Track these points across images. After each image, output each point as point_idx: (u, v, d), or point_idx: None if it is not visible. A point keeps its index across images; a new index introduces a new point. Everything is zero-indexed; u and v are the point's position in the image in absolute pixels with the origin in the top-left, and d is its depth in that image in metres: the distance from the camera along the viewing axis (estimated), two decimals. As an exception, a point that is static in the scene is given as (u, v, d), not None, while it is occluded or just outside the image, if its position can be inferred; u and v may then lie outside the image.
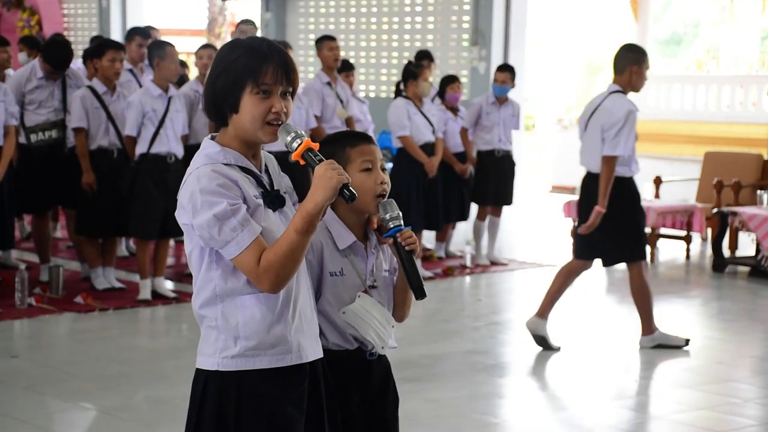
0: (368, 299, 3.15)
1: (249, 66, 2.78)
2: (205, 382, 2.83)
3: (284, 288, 2.78)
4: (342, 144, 3.15)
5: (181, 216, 2.80)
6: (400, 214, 3.05)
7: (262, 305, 2.80)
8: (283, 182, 2.97)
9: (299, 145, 2.79)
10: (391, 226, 3.03)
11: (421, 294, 3.03)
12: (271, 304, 2.81)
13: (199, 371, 2.87)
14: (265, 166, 2.92)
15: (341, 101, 9.78)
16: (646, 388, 6.39)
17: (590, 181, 7.07)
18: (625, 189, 7.04)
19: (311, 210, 2.72)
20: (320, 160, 2.77)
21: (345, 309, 3.12)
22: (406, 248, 3.02)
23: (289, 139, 2.80)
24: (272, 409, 2.82)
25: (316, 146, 2.81)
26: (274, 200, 2.86)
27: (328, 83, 9.74)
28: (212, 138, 2.88)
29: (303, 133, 2.81)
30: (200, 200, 2.73)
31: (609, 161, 6.89)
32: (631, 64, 6.95)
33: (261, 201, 2.81)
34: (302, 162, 2.80)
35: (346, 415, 3.12)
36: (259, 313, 2.80)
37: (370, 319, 3.14)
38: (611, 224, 6.94)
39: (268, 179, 2.90)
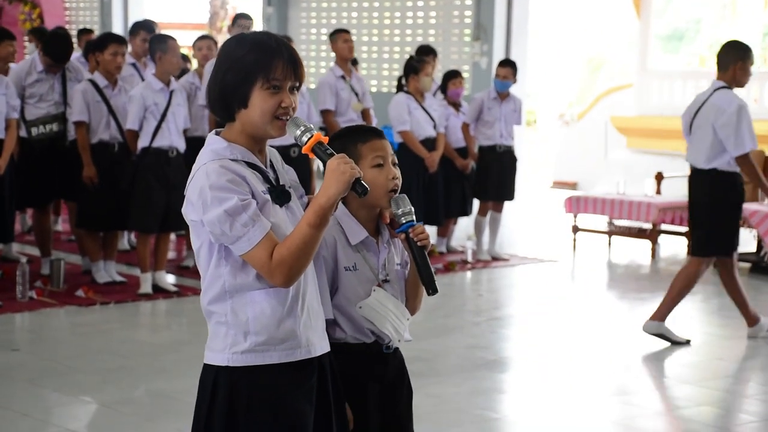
0: (383, 293, 3.16)
1: (259, 61, 2.78)
2: (215, 377, 2.83)
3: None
4: (353, 139, 3.15)
5: (190, 212, 2.79)
6: (413, 209, 3.07)
7: (272, 300, 2.80)
8: (288, 176, 2.97)
9: (309, 138, 2.79)
10: (404, 221, 3.05)
11: (432, 290, 3.06)
12: (281, 299, 2.81)
13: (207, 367, 2.87)
14: (270, 161, 2.92)
15: (356, 94, 9.79)
16: (647, 384, 6.39)
17: (695, 177, 7.17)
18: (727, 184, 7.08)
19: (324, 204, 2.72)
20: (330, 154, 2.77)
21: (361, 303, 3.13)
22: (418, 244, 3.04)
23: (298, 133, 2.80)
24: (283, 404, 2.83)
25: (325, 140, 2.80)
26: (280, 195, 2.85)
27: (342, 76, 9.76)
28: (217, 133, 2.87)
29: (312, 126, 2.81)
30: (210, 196, 2.72)
31: (743, 159, 6.96)
32: (735, 60, 7.03)
33: (269, 196, 2.81)
34: (312, 156, 2.80)
35: (361, 408, 3.13)
36: (269, 308, 2.80)
37: (386, 312, 3.15)
38: (706, 216, 7.07)
39: (273, 174, 2.89)
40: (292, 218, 2.86)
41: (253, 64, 2.78)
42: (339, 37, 9.82)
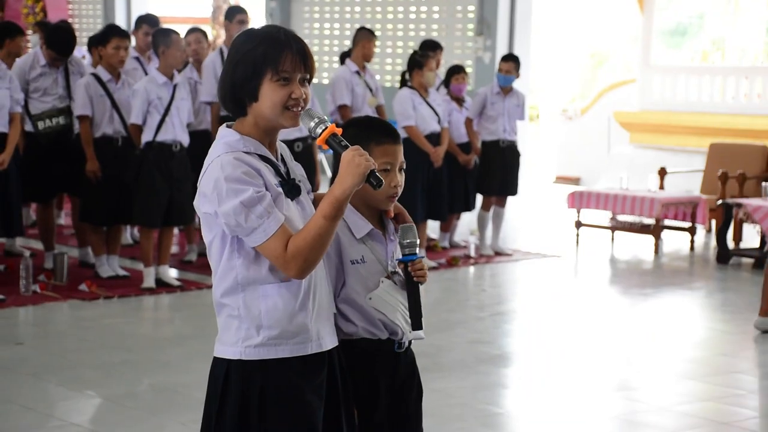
0: (390, 284, 3.17)
1: (268, 54, 2.80)
2: (227, 370, 2.84)
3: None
4: (368, 137, 3.15)
5: (204, 204, 2.80)
6: (417, 242, 3.13)
7: (284, 294, 2.82)
8: (296, 171, 2.98)
9: (323, 130, 2.80)
10: (407, 252, 3.12)
11: (417, 326, 3.13)
12: (294, 292, 2.83)
13: (219, 360, 2.88)
14: (281, 155, 2.93)
15: (371, 90, 9.87)
16: (649, 380, 6.39)
17: None
18: None
19: (339, 196, 2.74)
20: (345, 146, 2.79)
21: (371, 294, 3.15)
22: (414, 279, 3.10)
23: (312, 124, 2.82)
24: (294, 397, 2.84)
25: (339, 131, 2.82)
26: (291, 189, 2.87)
27: (357, 72, 9.81)
28: (228, 126, 2.88)
29: (326, 118, 2.83)
30: (225, 188, 2.74)
31: None
32: None
33: (281, 189, 2.83)
34: (326, 147, 2.82)
35: (372, 407, 3.14)
36: (282, 302, 2.82)
37: (396, 303, 3.17)
38: None
39: (284, 168, 2.91)
40: (303, 212, 2.88)
41: (262, 57, 2.79)
42: (373, 39, 10.01)
